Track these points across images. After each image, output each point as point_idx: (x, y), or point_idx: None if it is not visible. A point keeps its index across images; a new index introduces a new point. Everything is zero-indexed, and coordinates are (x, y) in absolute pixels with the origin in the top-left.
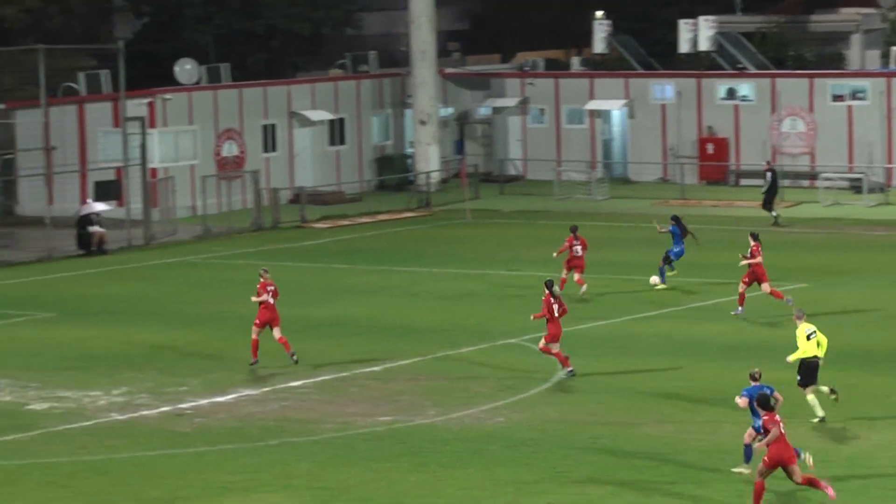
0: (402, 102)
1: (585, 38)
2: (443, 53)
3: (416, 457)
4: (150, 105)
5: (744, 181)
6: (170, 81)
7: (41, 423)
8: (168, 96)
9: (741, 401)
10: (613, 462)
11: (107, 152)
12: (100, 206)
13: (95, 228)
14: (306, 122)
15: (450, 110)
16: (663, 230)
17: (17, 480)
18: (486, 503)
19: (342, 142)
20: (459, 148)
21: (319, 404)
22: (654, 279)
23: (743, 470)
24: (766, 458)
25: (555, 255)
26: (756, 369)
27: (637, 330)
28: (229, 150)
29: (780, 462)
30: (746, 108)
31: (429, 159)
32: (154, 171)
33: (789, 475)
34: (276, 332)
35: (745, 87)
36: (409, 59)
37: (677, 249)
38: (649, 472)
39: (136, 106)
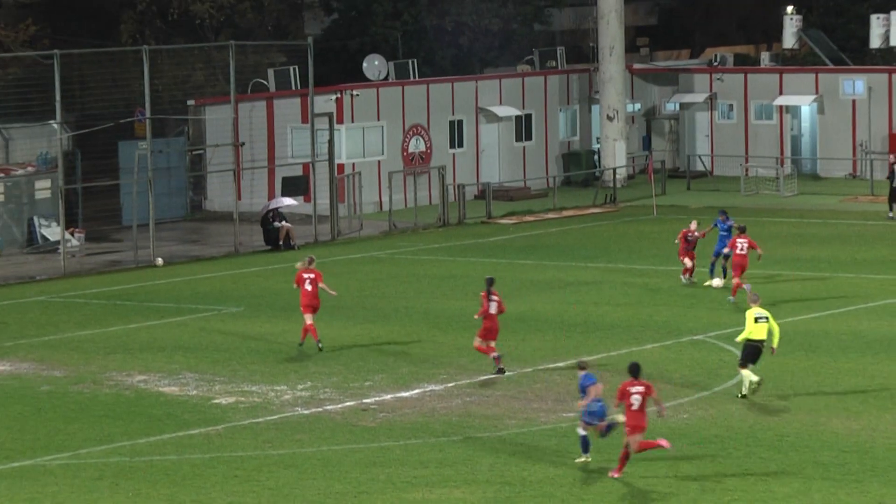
0: (590, 98)
1: (775, 33)
2: (631, 49)
3: (601, 453)
4: (338, 101)
5: None
6: (358, 77)
7: (227, 417)
8: (356, 92)
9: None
10: (799, 459)
11: (295, 148)
12: (287, 202)
13: (283, 224)
14: (493, 118)
15: (637, 106)
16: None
17: (203, 474)
18: (670, 500)
19: (529, 137)
20: (646, 144)
21: (504, 400)
22: (716, 282)
23: (585, 459)
24: (627, 428)
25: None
26: (583, 359)
27: (826, 327)
28: (416, 145)
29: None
30: None
31: (615, 155)
32: (341, 166)
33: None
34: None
35: None
36: (597, 54)
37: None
38: (835, 471)
39: (324, 102)
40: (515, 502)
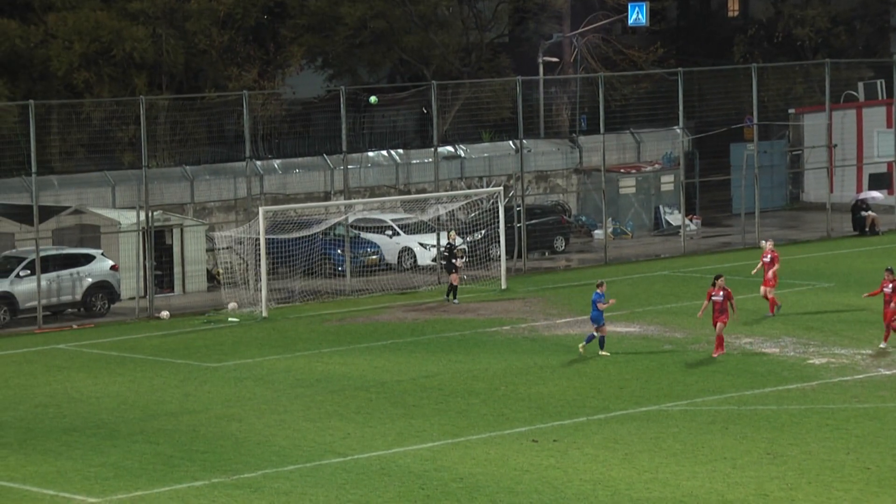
0: None
1: None
2: None
3: None
4: None
5: None
6: None
7: (820, 375)
8: None
9: None
10: None
11: (880, 149)
12: (873, 194)
13: (868, 213)
14: None
15: None
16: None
17: (799, 422)
18: None
19: None
20: None
21: None
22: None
23: None
24: None
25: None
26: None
27: None
28: None
29: None
30: None
31: None
32: None
33: None
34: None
35: None
36: None
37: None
38: None
39: None
40: None
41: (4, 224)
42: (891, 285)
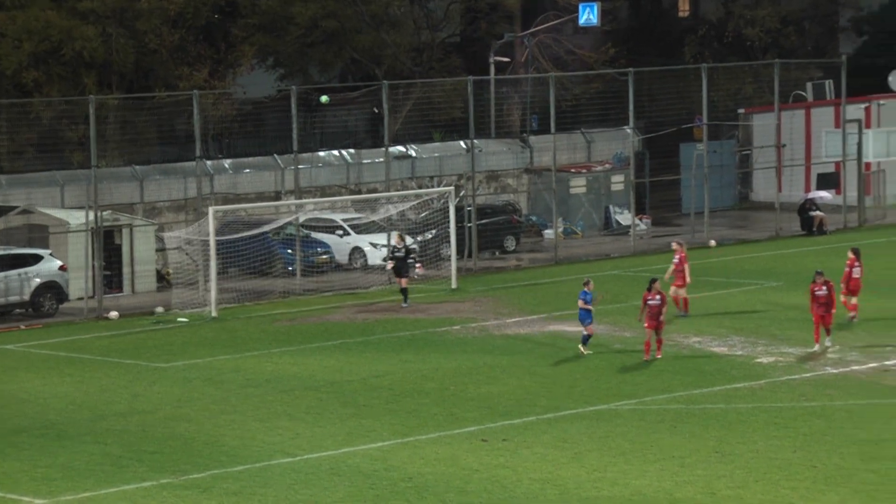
0: None
1: None
2: None
3: None
4: (867, 110)
5: None
6: (884, 89)
7: (768, 373)
8: (882, 102)
9: None
10: None
11: (828, 149)
12: (821, 194)
13: (816, 212)
14: None
15: None
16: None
17: (747, 420)
18: None
19: None
20: None
21: None
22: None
23: None
24: None
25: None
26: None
27: None
28: None
29: None
30: None
31: None
32: (868, 164)
33: None
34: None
35: None
36: None
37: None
38: None
39: (854, 110)
40: None
41: None
42: (824, 287)
